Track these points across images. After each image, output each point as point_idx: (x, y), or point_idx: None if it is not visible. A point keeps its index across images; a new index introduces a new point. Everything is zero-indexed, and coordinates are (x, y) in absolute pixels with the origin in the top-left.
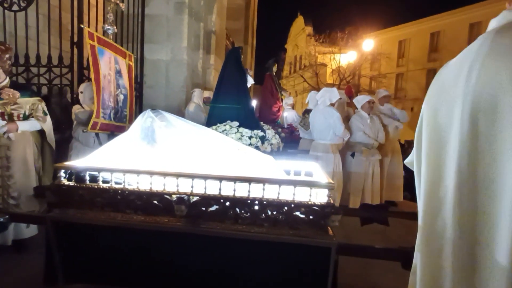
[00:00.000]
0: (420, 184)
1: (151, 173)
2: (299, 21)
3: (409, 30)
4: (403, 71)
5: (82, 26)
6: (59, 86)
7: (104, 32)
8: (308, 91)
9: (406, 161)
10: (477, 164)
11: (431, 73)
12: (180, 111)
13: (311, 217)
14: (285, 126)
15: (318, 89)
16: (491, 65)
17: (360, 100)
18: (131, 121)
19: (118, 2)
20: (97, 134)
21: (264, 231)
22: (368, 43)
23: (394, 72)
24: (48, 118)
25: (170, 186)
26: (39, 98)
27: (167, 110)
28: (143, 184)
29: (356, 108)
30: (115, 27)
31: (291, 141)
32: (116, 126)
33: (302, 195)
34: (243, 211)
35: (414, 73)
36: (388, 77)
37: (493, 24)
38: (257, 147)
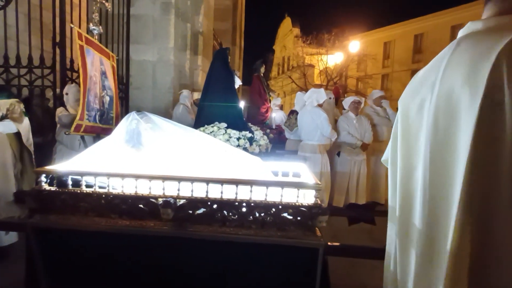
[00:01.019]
0: (394, 177)
1: (136, 177)
2: (287, 22)
3: (394, 32)
4: (388, 72)
5: (72, 26)
6: (41, 87)
7: (89, 32)
8: (296, 91)
9: (382, 160)
10: (439, 158)
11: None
12: (167, 113)
13: (298, 218)
14: (274, 127)
15: (306, 90)
16: (451, 68)
17: (347, 101)
18: (117, 123)
19: (103, 1)
20: (82, 137)
21: (252, 233)
22: (354, 44)
23: (380, 73)
24: (26, 120)
25: (156, 189)
26: (17, 99)
27: (154, 111)
28: (128, 187)
29: (344, 109)
30: (100, 27)
31: (280, 141)
32: (102, 129)
33: (290, 196)
34: (230, 214)
35: (399, 74)
36: (374, 78)
37: (460, 33)
38: (245, 149)
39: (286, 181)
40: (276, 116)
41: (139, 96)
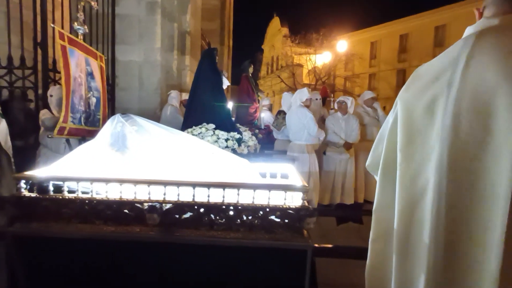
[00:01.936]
0: (386, 184)
1: (121, 181)
2: (275, 22)
3: (380, 32)
4: (375, 71)
5: (52, 25)
6: (22, 89)
7: (73, 32)
8: (285, 91)
9: (368, 165)
10: (460, 160)
11: (401, 73)
12: (155, 114)
13: (286, 220)
14: (262, 127)
15: (295, 89)
16: (476, 66)
17: (336, 102)
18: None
19: (89, 0)
20: (68, 140)
21: (240, 236)
22: (342, 44)
23: (367, 72)
24: (3, 122)
25: (141, 194)
26: None
27: (141, 113)
28: (112, 192)
29: (332, 108)
30: (86, 27)
31: (269, 141)
32: (87, 131)
33: (278, 198)
34: (218, 217)
35: (385, 73)
36: (361, 77)
37: (470, 30)
38: (233, 150)
39: (274, 184)
40: (265, 116)
41: (126, 98)
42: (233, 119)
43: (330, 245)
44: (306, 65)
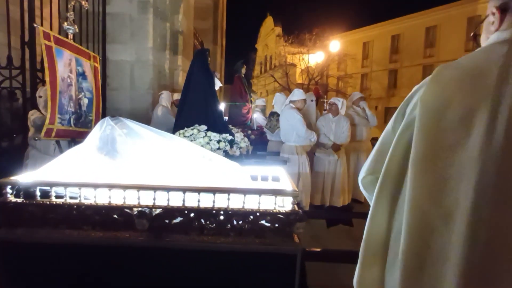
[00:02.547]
0: (382, 194)
1: (110, 186)
2: (269, 21)
3: (372, 32)
4: (367, 71)
5: (36, 25)
6: (9, 89)
7: (62, 31)
8: (279, 91)
9: (361, 178)
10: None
11: (392, 74)
12: (147, 114)
13: (276, 225)
14: (255, 127)
15: (288, 89)
16: None
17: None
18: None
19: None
20: (58, 141)
21: (231, 241)
22: (335, 44)
23: (359, 72)
24: None
25: (130, 199)
26: None
27: (132, 113)
28: (101, 198)
29: (325, 110)
30: (76, 27)
31: (261, 142)
32: (78, 132)
33: (268, 202)
34: (208, 222)
35: (377, 73)
36: (354, 77)
37: (499, 36)
38: (225, 151)
39: (264, 189)
40: (258, 117)
41: (117, 98)
42: (226, 119)
43: (320, 249)
44: (299, 64)
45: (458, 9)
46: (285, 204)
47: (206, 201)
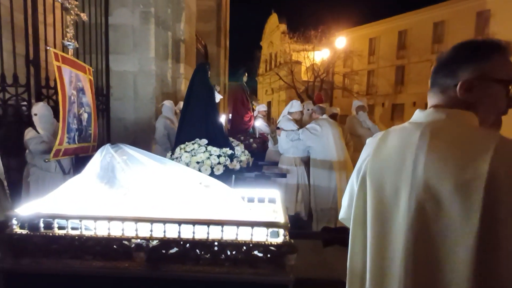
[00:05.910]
0: (356, 231)
1: (109, 219)
2: (274, 18)
3: (378, 28)
4: (374, 68)
5: (48, 47)
6: (15, 105)
7: (64, 48)
8: (284, 88)
9: (340, 218)
10: (426, 248)
11: (400, 70)
12: (150, 123)
13: (268, 255)
14: (257, 135)
15: (293, 87)
16: (432, 161)
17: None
18: (95, 140)
19: (78, 13)
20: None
21: (225, 271)
22: (341, 40)
23: (366, 69)
24: None
25: (129, 230)
26: None
27: (136, 122)
28: (101, 228)
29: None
30: (76, 42)
31: (263, 151)
32: (81, 148)
33: (261, 231)
34: (203, 252)
35: (384, 69)
36: (360, 74)
37: (420, 116)
38: (225, 166)
39: (256, 221)
40: (260, 124)
41: (121, 108)
42: (228, 127)
43: (312, 278)
44: (304, 62)
45: (467, 3)
46: (279, 232)
47: (201, 232)
